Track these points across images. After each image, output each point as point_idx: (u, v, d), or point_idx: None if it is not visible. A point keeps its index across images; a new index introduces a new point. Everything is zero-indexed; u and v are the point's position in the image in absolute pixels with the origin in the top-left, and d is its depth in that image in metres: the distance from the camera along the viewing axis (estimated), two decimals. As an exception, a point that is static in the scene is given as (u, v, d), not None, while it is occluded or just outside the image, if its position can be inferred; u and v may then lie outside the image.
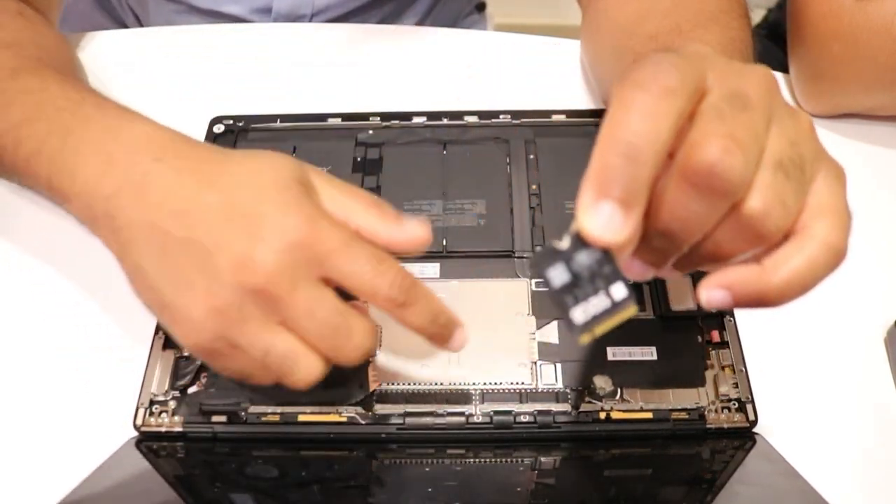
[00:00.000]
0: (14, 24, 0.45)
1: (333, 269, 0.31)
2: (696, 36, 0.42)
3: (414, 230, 0.34)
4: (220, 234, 0.31)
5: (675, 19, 0.44)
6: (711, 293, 0.27)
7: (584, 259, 0.25)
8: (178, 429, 0.38)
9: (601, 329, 0.25)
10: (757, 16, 0.81)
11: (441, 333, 0.33)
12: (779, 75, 0.55)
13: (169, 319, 0.32)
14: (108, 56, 0.54)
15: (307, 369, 0.31)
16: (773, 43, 0.70)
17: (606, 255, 0.25)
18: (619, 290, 0.25)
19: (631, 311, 0.25)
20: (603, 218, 0.24)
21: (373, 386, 0.39)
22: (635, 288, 0.42)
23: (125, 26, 0.71)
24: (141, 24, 0.69)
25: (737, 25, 0.44)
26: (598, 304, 0.25)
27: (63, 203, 0.36)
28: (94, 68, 0.50)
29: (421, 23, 0.69)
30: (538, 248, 0.24)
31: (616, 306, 0.25)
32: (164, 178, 0.33)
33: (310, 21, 0.63)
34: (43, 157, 0.36)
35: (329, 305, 0.31)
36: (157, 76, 0.54)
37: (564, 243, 0.25)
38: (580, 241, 0.25)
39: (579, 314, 0.25)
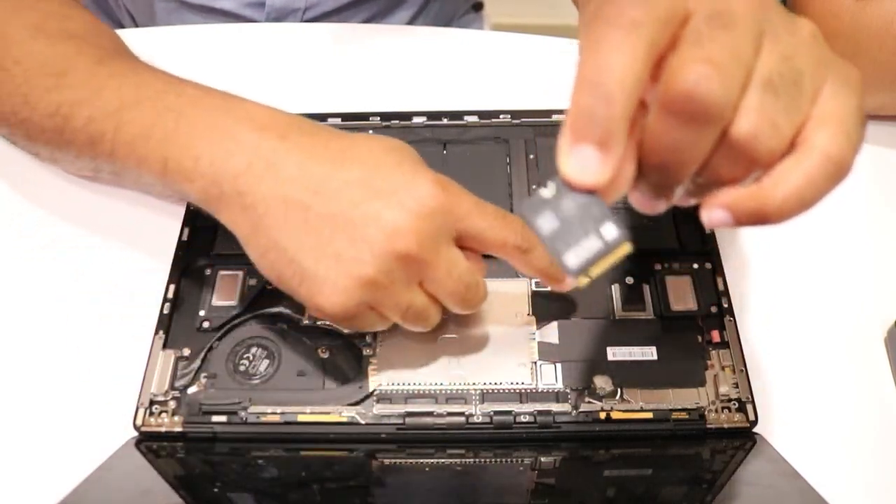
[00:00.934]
0: (81, 16, 0.44)
1: (470, 227, 0.35)
2: None
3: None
4: (366, 208, 0.33)
5: None
6: (712, 213, 0.26)
7: (570, 204, 0.25)
8: (178, 429, 0.38)
9: (597, 270, 0.25)
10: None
11: (555, 273, 0.37)
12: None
13: (310, 291, 0.34)
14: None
15: (435, 317, 0.36)
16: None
17: (593, 197, 0.25)
18: (609, 231, 0.25)
19: (624, 248, 0.25)
20: (581, 161, 0.24)
21: (372, 386, 0.39)
22: (633, 288, 0.42)
23: (122, 26, 0.71)
24: (136, 24, 0.69)
25: None
26: (590, 246, 0.25)
27: (182, 183, 0.36)
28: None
29: (414, 18, 0.69)
30: (524, 199, 0.24)
31: (609, 246, 0.25)
32: (294, 155, 0.35)
33: (303, 14, 0.63)
34: (153, 140, 0.36)
35: (464, 265, 0.35)
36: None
37: (550, 191, 0.25)
38: (565, 188, 0.25)
39: (572, 258, 0.25)
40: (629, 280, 0.42)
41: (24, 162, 0.47)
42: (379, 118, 0.50)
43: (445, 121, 0.50)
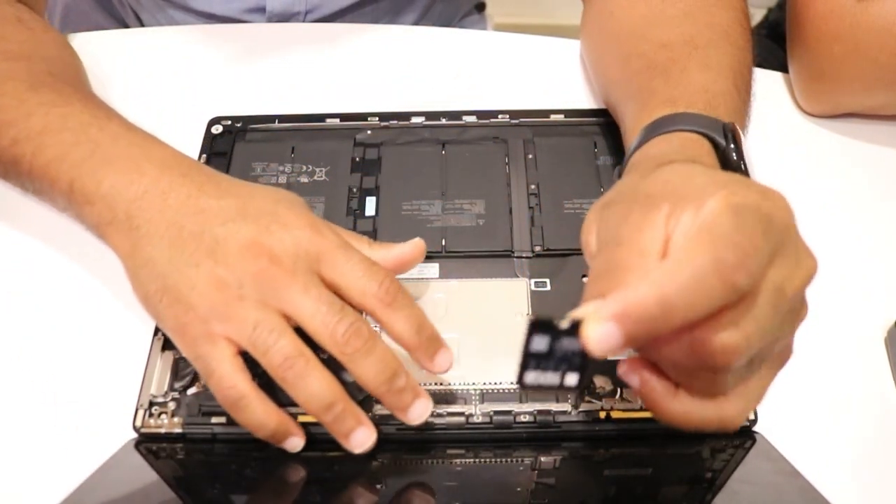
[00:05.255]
0: (18, 35, 0.45)
1: (329, 265, 0.34)
2: (712, 55, 0.43)
3: (407, 245, 0.38)
4: (232, 225, 0.35)
5: (689, 30, 0.44)
6: (631, 375, 0.31)
7: (567, 346, 0.27)
8: (178, 430, 0.38)
9: (535, 395, 0.33)
10: (757, 16, 0.81)
11: (426, 347, 0.35)
12: (779, 75, 0.55)
13: (169, 301, 0.34)
14: (107, 56, 0.54)
15: (288, 344, 0.33)
16: (773, 43, 0.70)
17: (585, 354, 0.27)
18: (572, 379, 0.28)
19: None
20: (606, 337, 0.26)
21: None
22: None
23: (125, 25, 0.71)
24: (142, 23, 0.69)
25: (744, 45, 0.45)
26: (549, 378, 0.28)
27: (82, 205, 0.38)
28: (93, 68, 0.50)
29: (418, 21, 0.69)
30: (544, 315, 0.27)
31: (562, 387, 0.28)
32: (187, 188, 0.36)
33: (304, 18, 0.63)
34: (66, 163, 0.38)
35: (324, 288, 0.34)
36: (156, 77, 0.54)
37: (564, 324, 0.27)
38: (574, 329, 0.27)
39: (531, 377, 0.28)
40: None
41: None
42: (377, 118, 0.50)
43: (444, 121, 0.50)
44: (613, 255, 0.30)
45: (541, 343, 0.27)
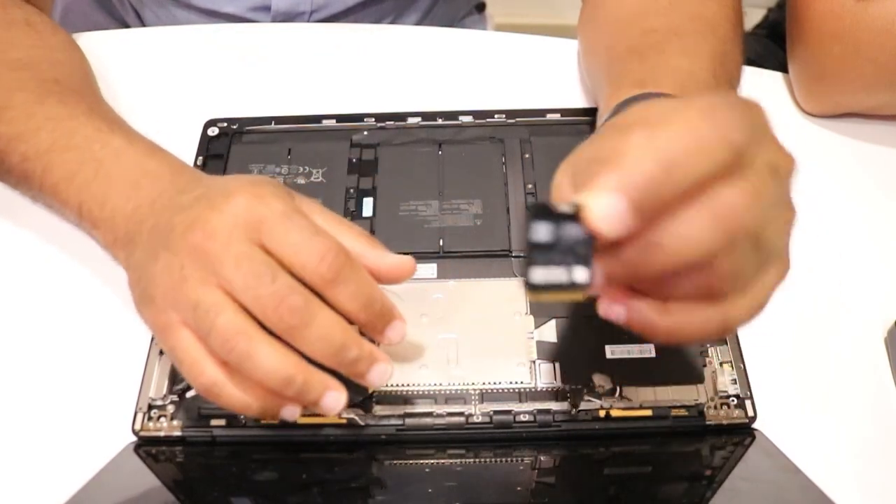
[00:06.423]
0: (26, 40, 0.46)
1: (268, 236, 0.32)
2: (692, 43, 0.43)
3: (400, 259, 0.35)
4: (186, 213, 0.33)
5: (674, 20, 0.44)
6: (612, 305, 0.29)
7: (570, 231, 0.25)
8: (177, 433, 0.38)
9: (548, 297, 0.26)
10: (757, 16, 0.81)
11: (374, 323, 0.33)
12: (779, 75, 0.55)
13: (144, 302, 0.34)
14: (105, 57, 0.54)
15: (227, 322, 0.31)
16: (773, 43, 0.70)
17: (590, 238, 0.25)
18: (580, 273, 0.25)
19: (579, 295, 0.26)
20: (611, 208, 0.25)
21: (372, 387, 0.39)
22: None
23: (125, 25, 0.70)
24: (142, 22, 0.68)
25: (731, 38, 0.45)
26: (558, 275, 0.25)
27: (91, 229, 0.39)
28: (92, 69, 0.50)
29: (420, 22, 0.69)
30: (541, 201, 0.25)
31: (570, 285, 0.26)
32: (170, 192, 0.36)
33: (308, 18, 0.63)
34: (73, 186, 0.39)
35: (258, 259, 0.31)
36: (153, 78, 0.54)
37: (566, 207, 0.26)
38: (576, 215, 0.25)
39: (539, 274, 0.25)
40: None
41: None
42: (374, 119, 0.50)
43: (440, 121, 0.50)
44: (595, 167, 0.27)
45: (544, 232, 0.25)
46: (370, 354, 0.33)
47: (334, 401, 0.32)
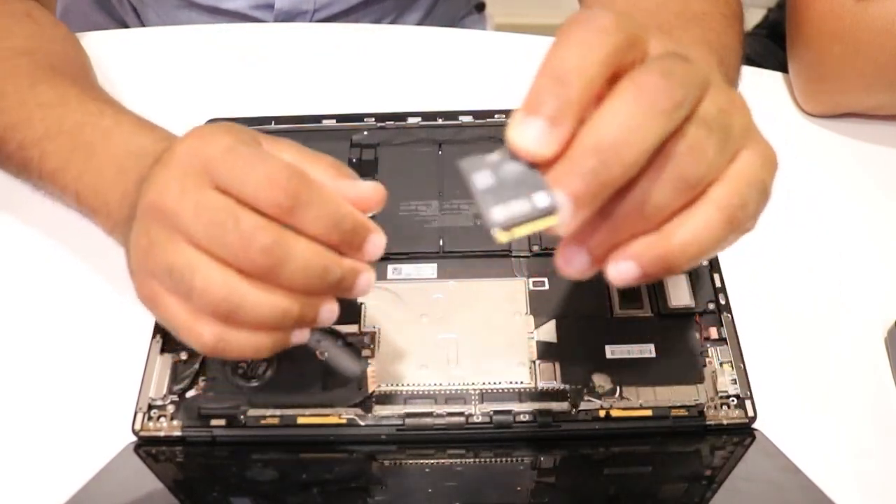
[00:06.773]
0: (25, 30, 0.46)
1: (216, 175, 0.30)
2: (674, 35, 0.43)
3: (368, 186, 0.33)
4: (153, 180, 0.31)
5: (663, 17, 0.45)
6: (619, 265, 0.27)
7: (510, 170, 0.25)
8: (177, 433, 0.38)
9: (520, 230, 0.25)
10: (757, 16, 0.81)
11: (349, 241, 0.31)
12: (779, 75, 0.55)
13: (132, 277, 0.33)
14: (105, 56, 0.54)
15: (205, 280, 0.29)
16: (773, 43, 0.70)
17: (533, 170, 0.25)
18: (541, 199, 0.25)
19: (552, 219, 0.25)
20: (529, 131, 0.25)
21: (372, 387, 0.39)
22: (633, 290, 0.42)
23: (125, 25, 0.70)
24: (142, 22, 0.68)
25: (718, 27, 0.45)
26: (519, 207, 0.25)
27: (91, 216, 0.40)
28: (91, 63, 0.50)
29: (422, 22, 0.69)
30: (466, 157, 0.25)
31: (537, 212, 0.25)
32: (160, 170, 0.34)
33: (311, 17, 0.63)
34: (69, 174, 0.39)
35: (216, 204, 0.29)
36: (153, 78, 0.54)
37: (495, 156, 0.26)
38: (510, 156, 0.26)
39: (498, 212, 0.25)
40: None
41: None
42: (374, 119, 0.50)
43: (440, 121, 0.50)
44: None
45: (484, 177, 0.25)
46: (352, 268, 0.31)
47: (329, 312, 0.31)
